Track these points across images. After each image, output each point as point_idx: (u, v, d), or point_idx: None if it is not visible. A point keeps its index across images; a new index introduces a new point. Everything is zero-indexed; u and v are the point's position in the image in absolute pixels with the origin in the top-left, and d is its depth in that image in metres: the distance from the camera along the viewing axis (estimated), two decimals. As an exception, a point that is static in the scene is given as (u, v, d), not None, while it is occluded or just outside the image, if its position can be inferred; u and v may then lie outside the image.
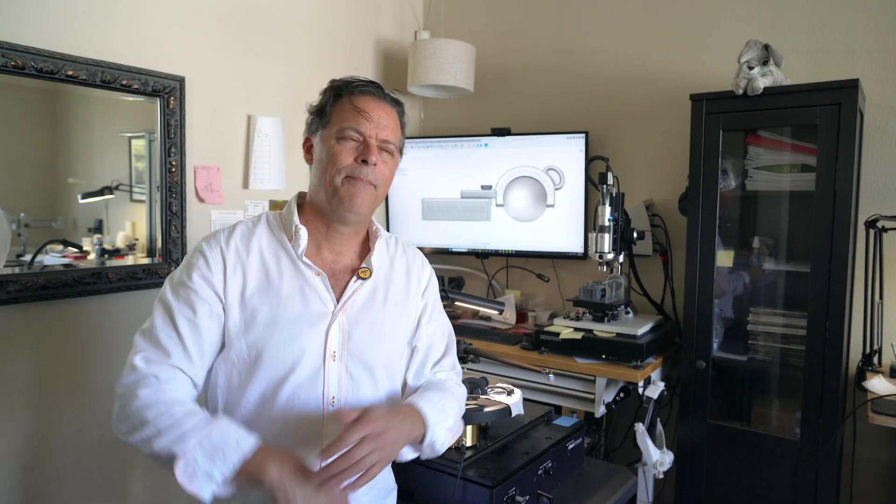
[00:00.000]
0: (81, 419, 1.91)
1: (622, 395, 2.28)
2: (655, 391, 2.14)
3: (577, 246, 2.69)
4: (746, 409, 2.31)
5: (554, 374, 2.15)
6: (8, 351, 1.76)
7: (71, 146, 1.88)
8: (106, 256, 1.98)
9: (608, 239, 2.23)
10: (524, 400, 1.66)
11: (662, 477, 2.19)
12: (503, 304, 2.18)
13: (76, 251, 1.91)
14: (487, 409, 1.52)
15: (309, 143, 1.30)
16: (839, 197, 1.91)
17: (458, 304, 2.52)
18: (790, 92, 2.00)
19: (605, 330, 2.28)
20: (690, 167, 2.16)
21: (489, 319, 2.83)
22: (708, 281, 2.14)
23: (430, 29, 3.09)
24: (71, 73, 1.80)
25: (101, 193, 1.96)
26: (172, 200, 2.10)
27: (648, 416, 2.12)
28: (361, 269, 1.28)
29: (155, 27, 2.05)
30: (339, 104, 1.25)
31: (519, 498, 1.40)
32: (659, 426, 2.20)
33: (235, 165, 2.35)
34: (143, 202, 2.06)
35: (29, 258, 1.81)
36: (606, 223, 2.23)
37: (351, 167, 1.21)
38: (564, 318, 2.43)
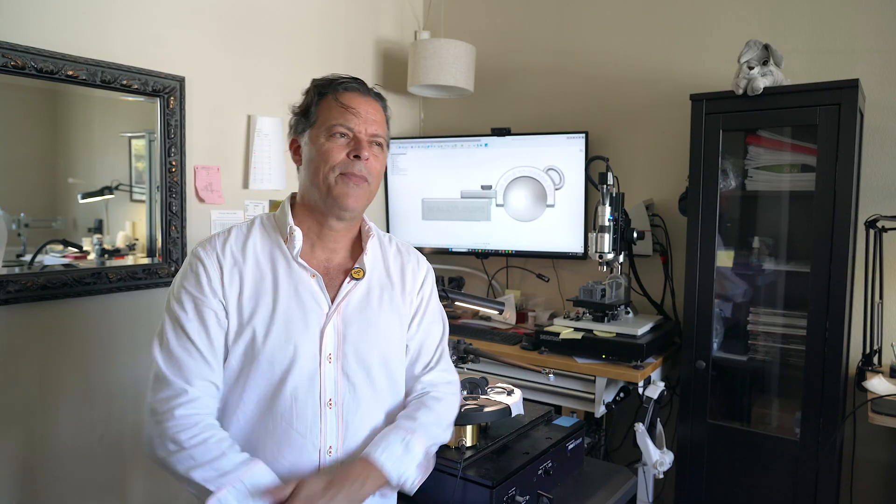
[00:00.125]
0: (81, 419, 1.91)
1: (622, 395, 2.28)
2: (655, 391, 2.14)
3: (577, 246, 2.69)
4: (746, 409, 2.31)
5: (554, 374, 2.15)
6: (8, 351, 1.76)
7: (71, 146, 1.88)
8: (106, 256, 1.98)
9: (608, 239, 2.23)
10: (524, 400, 1.66)
11: (662, 477, 2.19)
12: (503, 304, 2.18)
13: (76, 251, 1.91)
14: (487, 409, 1.52)
15: (296, 143, 1.30)
16: (839, 197, 1.91)
17: (458, 304, 2.52)
18: (790, 92, 2.00)
19: (605, 330, 2.28)
20: (690, 167, 2.16)
21: (489, 319, 2.83)
22: (708, 281, 2.14)
23: (430, 29, 3.09)
24: (71, 73, 1.80)
25: (101, 193, 1.96)
26: (172, 200, 2.10)
27: (648, 416, 2.12)
28: (354, 269, 1.27)
29: (155, 27, 2.05)
30: (324, 102, 1.25)
31: (519, 498, 1.40)
32: (659, 426, 2.20)
33: (235, 165, 2.35)
34: (143, 202, 2.06)
35: (29, 258, 1.81)
36: (606, 223, 2.23)
37: (344, 163, 1.22)
38: (564, 318, 2.43)
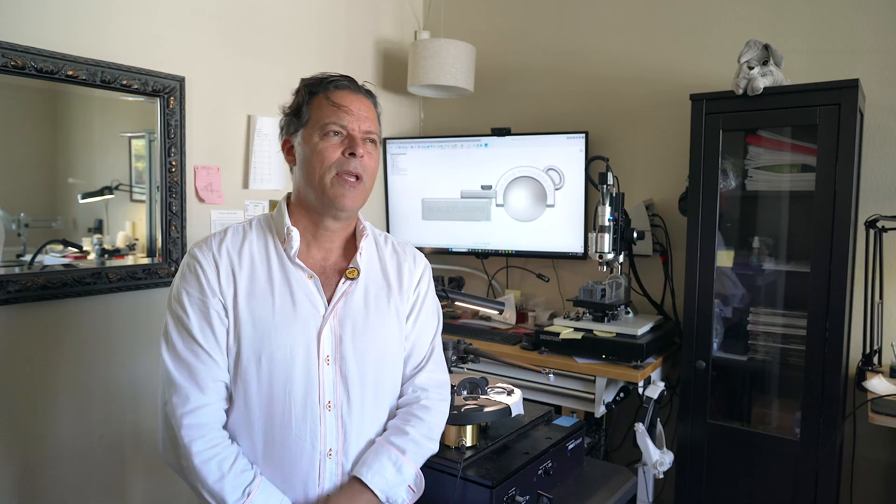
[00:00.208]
0: (81, 419, 1.91)
1: (622, 395, 2.28)
2: (655, 391, 2.14)
3: (577, 246, 2.69)
4: (746, 409, 2.31)
5: (554, 374, 2.15)
6: (8, 351, 1.76)
7: (71, 146, 1.88)
8: (106, 256, 1.97)
9: (608, 239, 2.23)
10: (524, 400, 1.66)
11: (662, 477, 2.19)
12: (503, 304, 2.18)
13: (76, 251, 1.91)
14: (487, 409, 1.52)
15: (288, 144, 1.29)
16: (839, 197, 1.91)
17: (458, 304, 2.52)
18: (790, 92, 2.00)
19: (605, 330, 2.28)
20: (690, 167, 2.16)
21: (489, 319, 2.83)
22: (708, 281, 2.14)
23: (430, 29, 3.09)
24: (71, 73, 1.80)
25: (101, 193, 1.96)
26: (172, 200, 2.10)
27: (648, 416, 2.12)
28: (349, 269, 1.27)
29: (155, 27, 2.05)
30: (315, 102, 1.24)
31: (519, 498, 1.39)
32: (659, 426, 2.20)
33: (235, 165, 2.35)
34: (143, 202, 2.06)
35: (29, 258, 1.81)
36: (606, 223, 2.23)
37: (339, 162, 1.21)
38: (564, 318, 2.43)
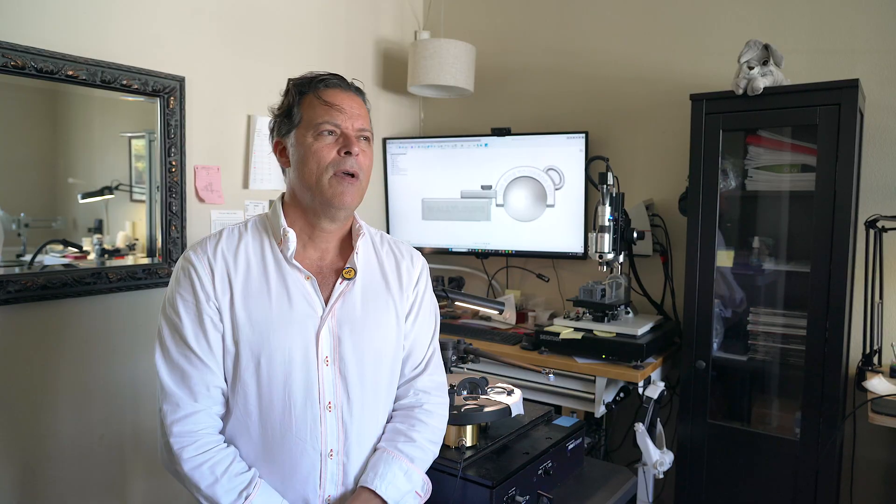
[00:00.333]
0: (81, 419, 1.91)
1: (622, 395, 2.28)
2: (655, 391, 2.14)
3: (577, 246, 2.69)
4: (746, 409, 2.31)
5: (554, 374, 2.15)
6: (8, 351, 1.76)
7: (71, 146, 1.88)
8: (106, 256, 1.97)
9: (608, 239, 2.23)
10: (524, 400, 1.66)
11: (662, 477, 2.19)
12: (503, 304, 2.18)
13: (76, 251, 1.91)
14: (487, 409, 1.52)
15: (281, 145, 1.27)
16: (839, 197, 1.91)
17: (458, 304, 2.52)
18: (790, 92, 2.00)
19: (605, 330, 2.28)
20: (690, 167, 2.16)
21: (489, 319, 2.83)
22: (708, 281, 2.14)
23: (430, 29, 3.09)
24: (71, 73, 1.80)
25: (101, 193, 1.96)
26: (172, 200, 2.10)
27: (648, 416, 2.12)
28: (346, 269, 1.26)
29: (155, 27, 2.05)
30: (306, 102, 1.23)
31: (519, 498, 1.40)
32: (659, 426, 2.20)
33: (235, 165, 2.35)
34: (143, 202, 2.06)
35: (29, 258, 1.81)
36: (606, 223, 2.23)
37: (335, 161, 1.20)
38: (564, 318, 2.43)
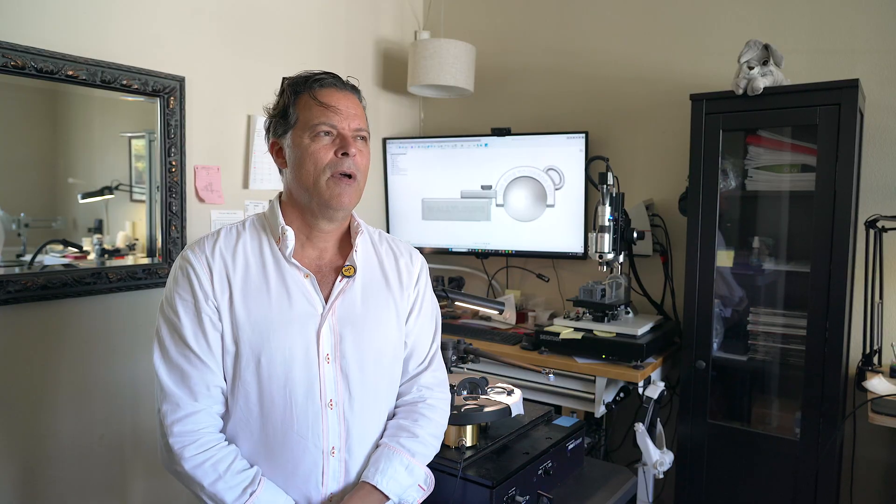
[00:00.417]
0: (81, 419, 1.91)
1: (622, 395, 2.28)
2: (655, 391, 2.14)
3: (577, 246, 2.69)
4: (746, 409, 2.31)
5: (554, 374, 2.15)
6: (8, 351, 1.76)
7: (71, 146, 1.88)
8: (106, 256, 1.97)
9: (608, 239, 2.23)
10: (524, 400, 1.66)
11: (662, 477, 2.19)
12: (503, 304, 2.18)
13: (76, 251, 1.91)
14: (487, 409, 1.52)
15: (277, 146, 1.27)
16: (839, 197, 1.91)
17: (458, 304, 2.52)
18: (790, 92, 2.00)
19: (605, 330, 2.28)
20: (690, 167, 2.16)
21: (489, 319, 2.83)
22: (708, 281, 2.14)
23: (430, 29, 3.09)
24: (71, 73, 1.80)
25: (101, 193, 1.96)
26: (172, 200, 2.10)
27: (648, 416, 2.12)
28: (345, 267, 1.26)
29: (155, 27, 2.05)
30: (301, 102, 1.23)
31: (519, 498, 1.40)
32: (659, 426, 2.20)
33: (235, 165, 2.35)
34: (143, 202, 2.06)
35: (29, 258, 1.81)
36: (606, 223, 2.23)
37: (333, 163, 1.19)
38: (564, 318, 2.43)
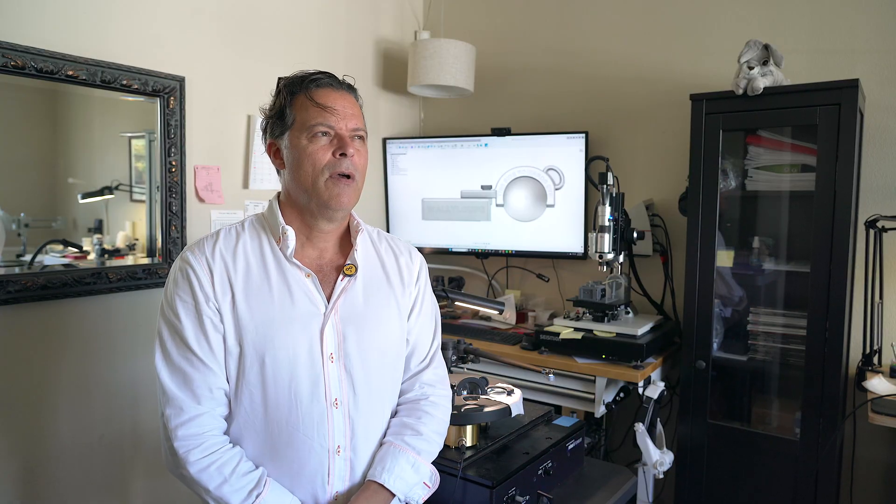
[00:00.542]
0: (81, 419, 1.91)
1: (622, 395, 2.28)
2: (655, 391, 2.14)
3: (577, 246, 2.69)
4: (746, 409, 2.31)
5: (554, 374, 2.15)
6: (8, 351, 1.76)
7: (71, 146, 1.88)
8: (106, 256, 1.97)
9: (608, 239, 2.23)
10: (524, 400, 1.66)
11: (662, 477, 2.19)
12: (503, 304, 2.18)
13: (76, 251, 1.91)
14: (487, 409, 1.52)
15: (274, 147, 1.26)
16: (839, 197, 1.91)
17: (458, 304, 2.52)
18: (790, 92, 2.00)
19: (605, 330, 2.28)
20: (690, 167, 2.16)
21: (489, 319, 2.83)
22: (708, 281, 2.14)
23: (430, 29, 3.09)
24: (71, 73, 1.80)
25: (101, 193, 1.96)
26: (172, 200, 2.10)
27: (648, 416, 2.12)
28: (346, 266, 1.26)
29: (155, 27, 2.05)
30: (297, 103, 1.22)
31: (519, 498, 1.40)
32: (659, 426, 2.20)
33: (235, 165, 2.35)
34: (143, 202, 2.06)
35: (29, 258, 1.81)
36: (606, 223, 2.23)
37: (331, 163, 1.19)
38: (564, 318, 2.43)
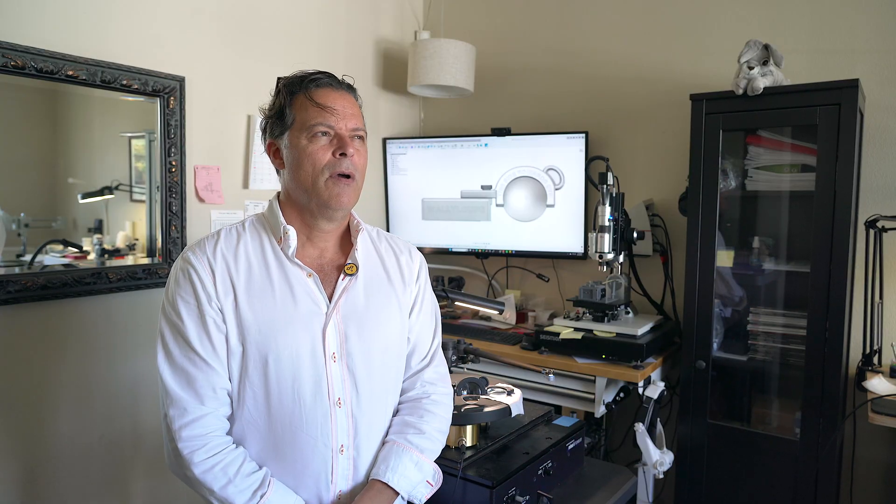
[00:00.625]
0: (81, 419, 1.91)
1: (622, 395, 2.28)
2: (655, 391, 2.14)
3: (577, 246, 2.69)
4: (746, 409, 2.31)
5: (554, 374, 2.15)
6: (8, 351, 1.76)
7: (71, 146, 1.88)
8: (106, 256, 1.97)
9: (608, 239, 2.23)
10: (524, 400, 1.66)
11: (662, 477, 2.19)
12: (503, 304, 2.18)
13: (76, 251, 1.91)
14: (487, 409, 1.52)
15: (274, 147, 1.26)
16: (839, 197, 1.91)
17: (458, 304, 2.52)
18: (790, 92, 2.00)
19: (605, 330, 2.28)
20: (690, 167, 2.16)
21: (489, 319, 2.83)
22: (708, 281, 2.14)
23: (430, 29, 3.09)
24: (71, 73, 1.80)
25: (101, 193, 1.96)
26: (172, 200, 2.10)
27: (648, 416, 2.12)
28: (347, 265, 1.26)
29: (155, 27, 2.05)
30: (297, 102, 1.22)
31: (519, 498, 1.40)
32: (659, 426, 2.20)
33: (235, 165, 2.35)
34: (143, 202, 2.06)
35: (29, 258, 1.81)
36: (606, 223, 2.23)
37: (331, 164, 1.19)
38: (564, 318, 2.43)
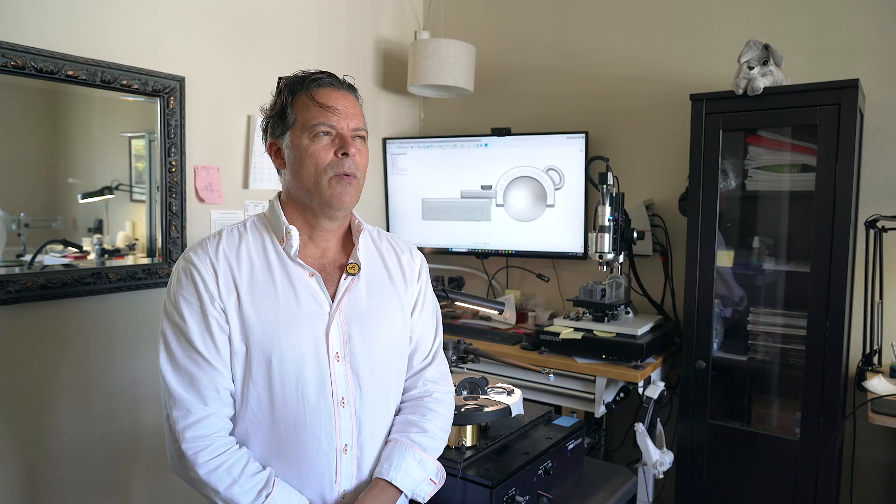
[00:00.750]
0: (81, 419, 1.91)
1: (622, 395, 2.28)
2: (655, 391, 2.14)
3: (577, 246, 2.69)
4: (746, 409, 2.31)
5: (554, 374, 2.15)
6: (8, 351, 1.76)
7: (71, 146, 1.88)
8: (106, 256, 1.97)
9: (608, 239, 2.23)
10: (524, 400, 1.66)
11: (662, 477, 2.19)
12: (503, 304, 2.18)
13: (76, 251, 1.91)
14: (487, 409, 1.52)
15: (275, 146, 1.26)
16: (839, 197, 1.91)
17: (458, 304, 2.52)
18: (790, 92, 2.00)
19: (605, 330, 2.28)
20: (690, 167, 2.16)
21: (489, 319, 2.83)
22: (708, 281, 2.14)
23: (430, 29, 3.09)
24: (71, 73, 1.80)
25: (101, 193, 1.96)
26: (172, 200, 2.10)
27: (648, 416, 2.12)
28: (349, 264, 1.26)
29: (155, 27, 2.05)
30: (298, 102, 1.22)
31: (519, 498, 1.39)
32: (659, 426, 2.20)
33: (235, 165, 2.35)
34: (143, 202, 2.06)
35: (29, 258, 1.81)
36: (606, 223, 2.23)
37: (333, 163, 1.19)
38: (564, 318, 2.43)
